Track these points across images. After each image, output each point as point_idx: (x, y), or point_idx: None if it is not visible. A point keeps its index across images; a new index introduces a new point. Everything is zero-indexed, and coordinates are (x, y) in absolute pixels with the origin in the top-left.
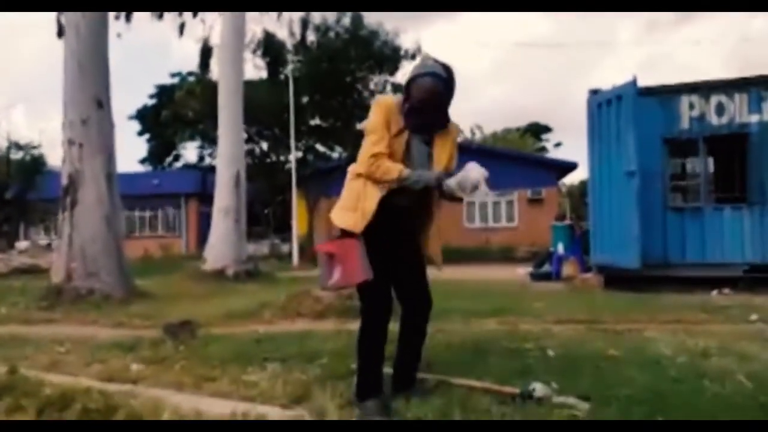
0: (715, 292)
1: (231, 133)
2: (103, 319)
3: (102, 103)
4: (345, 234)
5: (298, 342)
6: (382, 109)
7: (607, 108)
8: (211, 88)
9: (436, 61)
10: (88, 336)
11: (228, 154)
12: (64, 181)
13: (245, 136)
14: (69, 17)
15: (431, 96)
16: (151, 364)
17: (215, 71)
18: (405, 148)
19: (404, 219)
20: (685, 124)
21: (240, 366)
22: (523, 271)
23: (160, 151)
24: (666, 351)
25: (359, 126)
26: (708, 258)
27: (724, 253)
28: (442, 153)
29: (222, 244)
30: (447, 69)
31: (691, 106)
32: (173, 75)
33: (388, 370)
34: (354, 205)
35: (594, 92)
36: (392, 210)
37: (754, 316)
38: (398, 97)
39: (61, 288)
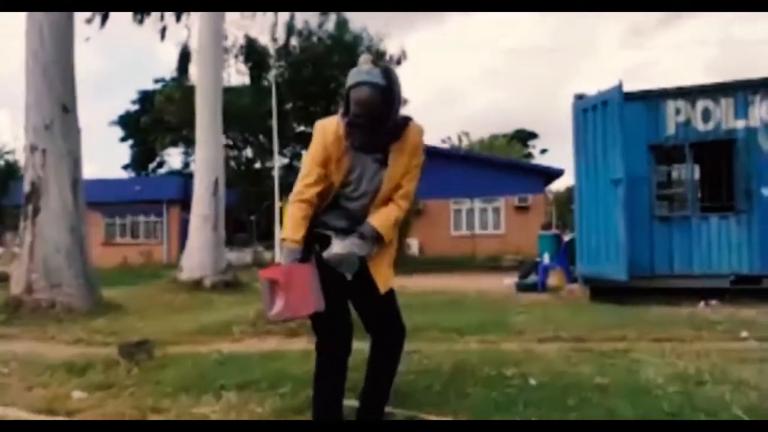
0: (702, 304)
1: (209, 139)
2: (62, 334)
3: (67, 108)
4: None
5: (263, 365)
6: (317, 135)
7: (592, 113)
8: (192, 94)
9: (375, 64)
10: (39, 354)
11: (206, 161)
12: (27, 188)
13: (230, 142)
14: (32, 18)
15: (367, 109)
16: (97, 390)
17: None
18: (352, 170)
19: None
20: (671, 129)
21: (194, 394)
22: (509, 281)
23: (142, 158)
24: (657, 378)
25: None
26: (695, 268)
27: (711, 263)
28: (395, 169)
29: (199, 252)
30: (386, 73)
31: (677, 112)
32: (156, 81)
33: (353, 402)
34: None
35: (579, 97)
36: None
37: (744, 333)
38: (339, 117)
39: (20, 300)
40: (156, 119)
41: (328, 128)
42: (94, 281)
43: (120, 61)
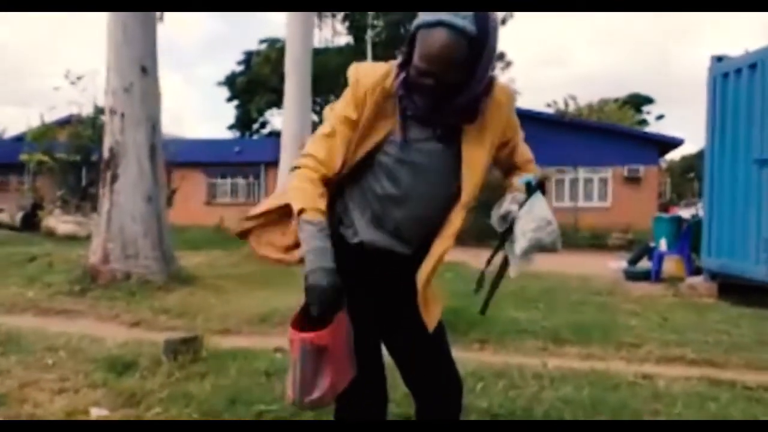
0: None
1: (297, 103)
2: (126, 313)
3: (147, 69)
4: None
5: None
6: (356, 83)
7: (735, 78)
8: None
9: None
10: (93, 340)
11: (293, 126)
12: (106, 154)
13: (324, 103)
14: None
15: (441, 61)
16: (123, 406)
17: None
18: (395, 147)
19: (406, 265)
20: None
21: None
22: (615, 264)
23: (246, 118)
24: None
25: None
26: None
27: None
28: (477, 153)
29: None
30: (481, 20)
31: None
32: (261, 41)
33: None
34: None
35: (719, 59)
36: (388, 256)
37: None
38: (390, 65)
39: (97, 270)
40: (251, 80)
41: (371, 73)
42: (170, 252)
43: (235, 22)
